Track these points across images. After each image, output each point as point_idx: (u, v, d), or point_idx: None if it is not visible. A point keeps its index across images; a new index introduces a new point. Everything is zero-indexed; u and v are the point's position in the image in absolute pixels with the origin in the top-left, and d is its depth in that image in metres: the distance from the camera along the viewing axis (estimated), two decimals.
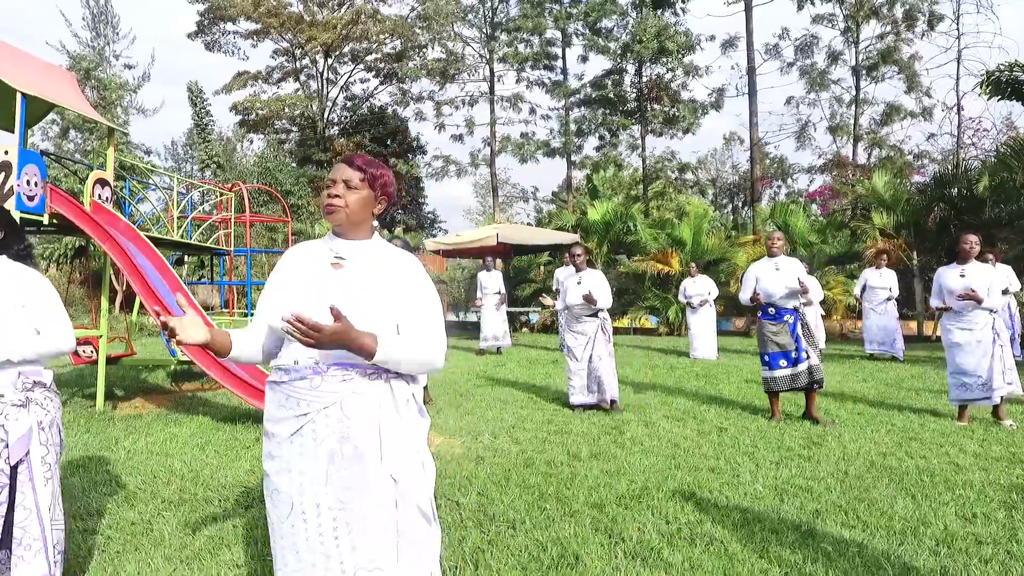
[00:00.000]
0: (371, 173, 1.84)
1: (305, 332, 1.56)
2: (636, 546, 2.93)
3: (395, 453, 1.73)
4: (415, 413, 1.82)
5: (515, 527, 3.16)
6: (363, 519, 1.70)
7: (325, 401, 1.70)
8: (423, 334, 1.76)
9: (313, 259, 1.83)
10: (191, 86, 23.09)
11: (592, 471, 4.10)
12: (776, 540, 3.02)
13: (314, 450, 1.71)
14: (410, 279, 1.81)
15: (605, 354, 5.96)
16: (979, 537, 3.07)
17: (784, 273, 5.60)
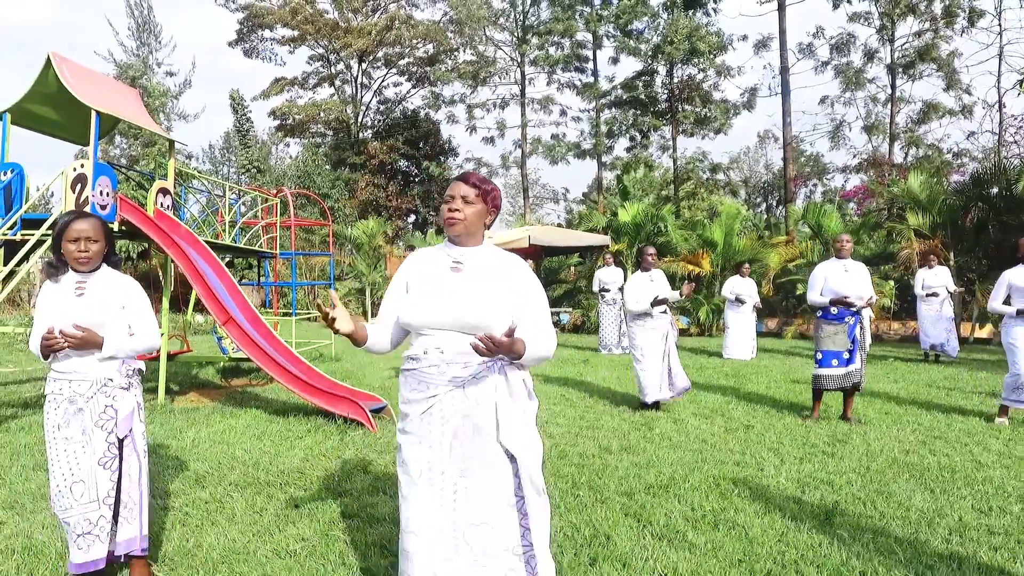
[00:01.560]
0: (484, 189, 2.12)
1: (490, 347, 1.81)
2: (663, 529, 3.18)
3: (510, 430, 2.00)
4: (526, 396, 2.10)
5: (552, 511, 3.43)
6: (480, 485, 1.99)
7: (450, 384, 2.00)
8: (536, 330, 2.04)
9: (434, 264, 2.13)
10: (233, 94, 23.94)
11: (623, 463, 4.34)
12: (795, 527, 3.23)
13: (441, 426, 2.01)
14: (520, 279, 2.10)
15: (674, 349, 6.18)
16: (992, 528, 3.23)
17: (852, 275, 5.68)
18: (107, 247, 2.71)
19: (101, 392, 2.57)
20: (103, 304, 2.60)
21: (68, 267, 2.65)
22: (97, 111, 5.66)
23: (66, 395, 2.57)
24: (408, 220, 29.81)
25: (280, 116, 28.66)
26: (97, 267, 2.69)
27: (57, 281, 2.67)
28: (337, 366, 9.27)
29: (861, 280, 5.66)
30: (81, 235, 2.60)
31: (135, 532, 2.63)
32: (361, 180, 27.56)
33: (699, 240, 14.70)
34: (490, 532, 1.96)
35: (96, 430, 2.55)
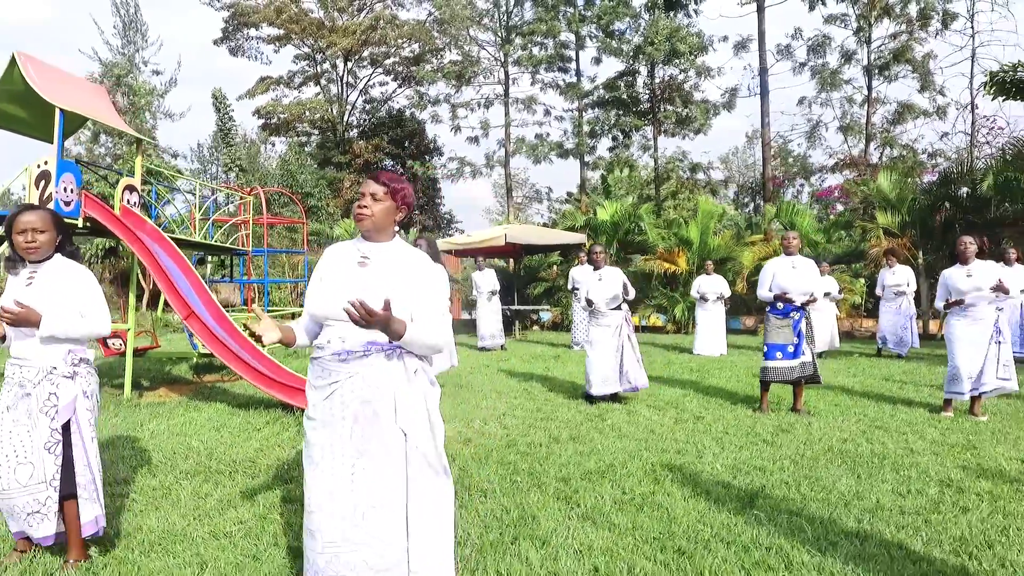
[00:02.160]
0: (393, 187, 2.24)
1: (363, 315, 1.94)
2: (589, 511, 3.32)
3: (406, 414, 2.13)
4: (426, 383, 2.22)
5: (486, 496, 3.57)
6: (378, 468, 2.11)
7: (350, 372, 2.13)
8: (432, 322, 2.17)
9: (343, 258, 2.26)
10: (215, 93, 23.89)
11: (567, 451, 4.48)
12: (716, 508, 3.37)
13: (341, 411, 2.13)
14: (423, 276, 2.22)
15: (629, 345, 6.31)
16: (904, 508, 3.39)
17: (799, 272, 5.84)
18: (59, 236, 2.81)
19: (47, 379, 2.67)
20: (48, 291, 2.70)
21: (24, 260, 2.76)
22: (61, 109, 5.73)
23: (16, 379, 2.69)
24: None
25: (264, 115, 28.64)
26: (48, 256, 2.79)
27: (16, 274, 2.78)
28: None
29: (807, 277, 5.83)
30: (28, 226, 2.70)
31: (97, 511, 2.75)
32: (346, 179, 27.59)
33: (675, 239, 14.88)
34: (386, 515, 2.08)
35: (40, 415, 2.66)
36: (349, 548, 2.07)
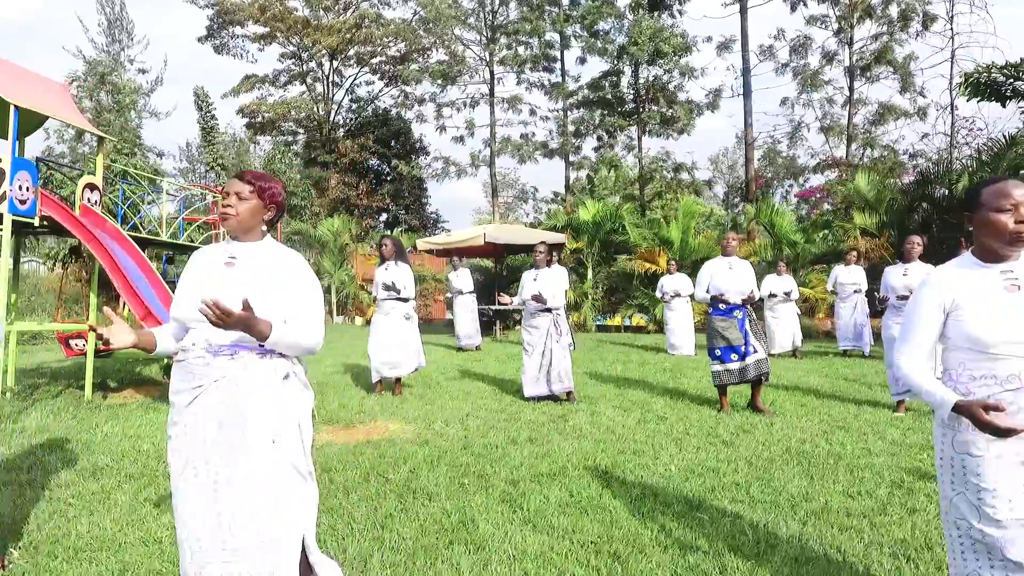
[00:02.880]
0: (259, 186, 2.18)
1: (218, 315, 1.88)
2: (531, 514, 3.27)
3: (274, 419, 2.07)
4: (297, 387, 2.15)
5: (431, 498, 3.51)
6: (243, 475, 2.04)
7: (215, 376, 2.05)
8: (303, 323, 2.10)
9: (210, 259, 2.20)
10: (197, 91, 23.72)
11: (522, 453, 4.43)
12: (662, 511, 3.33)
13: (205, 416, 2.06)
14: (294, 275, 2.15)
15: (557, 348, 6.28)
16: (851, 510, 3.37)
17: (736, 272, 5.88)
18: None
19: None
20: None
21: None
22: (16, 105, 5.63)
23: None
24: (379, 219, 29.73)
25: (249, 114, 28.43)
26: None
27: None
28: None
29: (744, 277, 5.83)
30: None
31: None
32: (332, 178, 27.43)
33: (656, 239, 14.88)
34: (253, 526, 2.00)
35: None
36: (218, 560, 1.99)
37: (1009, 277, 1.89)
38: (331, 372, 8.33)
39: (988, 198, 1.90)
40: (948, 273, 1.98)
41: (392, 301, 6.54)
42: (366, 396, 6.62)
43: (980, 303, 1.88)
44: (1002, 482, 1.83)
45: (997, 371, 1.85)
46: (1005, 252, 1.90)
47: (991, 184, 1.93)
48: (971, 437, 1.88)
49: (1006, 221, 1.85)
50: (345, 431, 5.24)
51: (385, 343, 6.53)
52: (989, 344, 1.85)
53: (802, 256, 13.62)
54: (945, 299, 1.95)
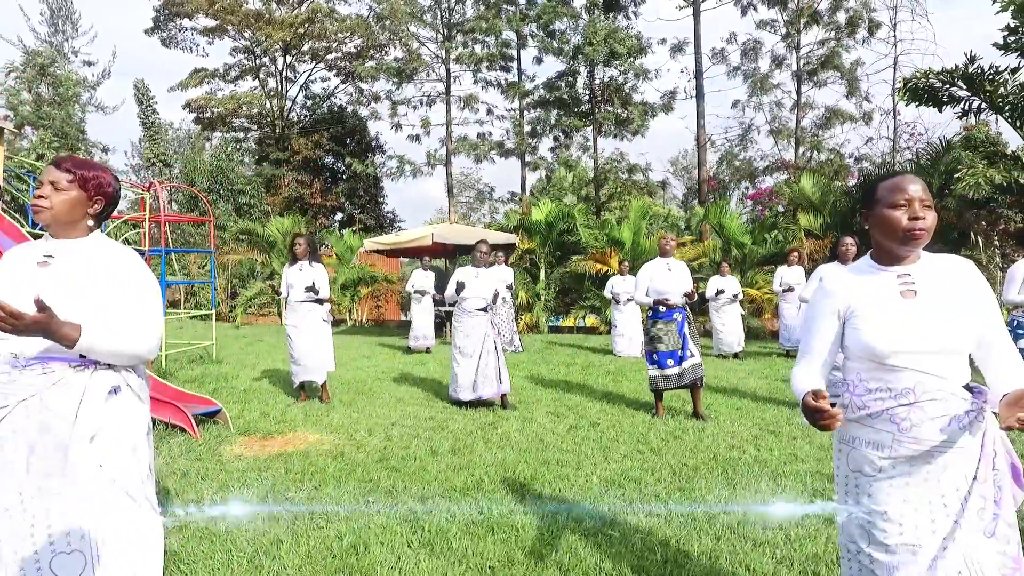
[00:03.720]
0: (81, 174, 1.92)
1: (4, 319, 1.61)
2: (432, 536, 3.06)
3: (100, 440, 1.81)
4: (132, 400, 1.89)
5: (329, 521, 3.27)
6: (64, 505, 1.78)
7: (23, 394, 1.78)
8: (131, 327, 1.85)
9: (25, 258, 1.92)
10: (137, 84, 22.80)
11: (440, 465, 4.22)
12: (573, 527, 3.16)
13: (14, 441, 1.79)
14: (123, 275, 1.90)
15: (493, 351, 6.10)
16: (768, 522, 3.25)
17: (675, 274, 5.78)
18: None
19: None
20: None
21: None
22: None
23: None
24: (335, 218, 29.11)
25: (196, 109, 27.49)
26: None
27: None
28: (215, 368, 8.87)
29: (683, 278, 5.76)
30: None
31: None
32: (286, 176, 26.72)
33: (607, 239, 14.84)
34: (76, 564, 1.76)
35: None
36: None
37: (906, 281, 1.74)
38: (261, 378, 7.97)
39: (883, 193, 1.76)
40: (843, 277, 1.83)
41: (310, 303, 6.25)
42: (292, 404, 6.31)
43: (875, 310, 1.73)
44: (893, 505, 1.69)
45: (892, 383, 1.71)
46: (900, 252, 1.75)
47: (888, 179, 1.79)
48: (866, 455, 1.74)
49: (900, 217, 1.71)
50: (260, 443, 4.94)
51: (306, 347, 6.24)
52: (884, 354, 1.70)
53: (750, 257, 13.74)
54: (840, 305, 1.80)
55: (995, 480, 1.68)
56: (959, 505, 1.66)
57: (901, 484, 1.69)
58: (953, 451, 1.66)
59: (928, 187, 5.94)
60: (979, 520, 1.66)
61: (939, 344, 1.67)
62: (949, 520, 1.66)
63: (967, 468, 1.67)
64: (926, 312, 1.69)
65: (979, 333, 1.71)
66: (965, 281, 1.74)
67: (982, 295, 1.73)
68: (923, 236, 1.70)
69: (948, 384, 1.67)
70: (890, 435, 1.70)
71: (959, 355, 1.69)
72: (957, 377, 1.69)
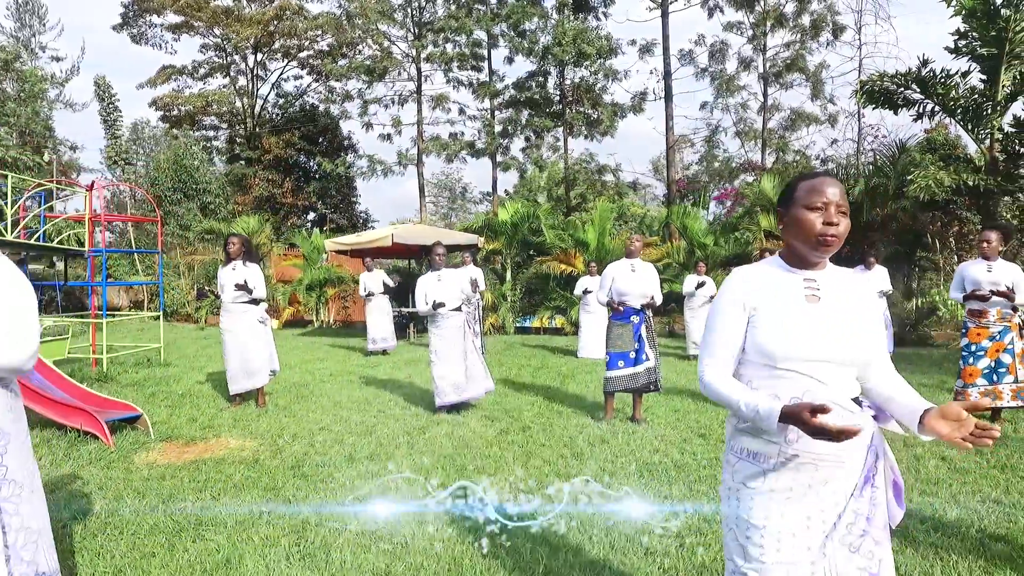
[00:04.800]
0: None
1: None
2: (314, 548, 2.97)
3: None
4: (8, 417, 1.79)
5: (215, 530, 3.16)
6: None
7: None
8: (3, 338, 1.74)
9: None
10: (98, 80, 22.31)
11: (352, 473, 4.12)
12: (462, 539, 3.09)
13: None
14: None
15: (475, 350, 6.02)
16: (667, 529, 3.20)
17: (639, 275, 5.68)
18: None
19: None
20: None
21: None
22: None
23: None
24: (306, 218, 28.80)
25: (163, 107, 27.04)
26: None
27: None
28: (161, 371, 8.68)
29: (647, 280, 5.70)
30: None
31: None
32: (256, 176, 26.37)
33: (572, 240, 14.81)
34: None
35: None
36: None
37: (811, 287, 1.67)
38: (206, 381, 7.81)
39: (801, 193, 1.67)
40: (750, 275, 1.73)
41: (244, 304, 6.11)
42: (225, 408, 6.17)
43: (777, 311, 1.65)
44: (773, 520, 1.61)
45: (780, 390, 1.62)
46: (811, 257, 1.67)
47: (808, 179, 1.70)
48: (752, 466, 1.66)
49: (814, 221, 1.63)
50: (181, 449, 4.81)
51: (241, 351, 6.09)
52: (777, 358, 1.62)
53: (712, 258, 13.78)
54: (747, 302, 1.70)
55: (872, 497, 1.63)
56: (834, 520, 1.61)
57: (782, 499, 1.62)
58: (837, 466, 1.61)
59: (885, 189, 5.88)
60: (847, 534, 1.61)
61: (835, 353, 1.61)
62: (822, 536, 1.61)
63: (848, 484, 1.62)
64: (827, 320, 1.63)
65: (871, 348, 1.67)
66: (864, 297, 1.71)
67: (875, 314, 1.71)
68: (834, 243, 1.63)
69: (837, 395, 1.62)
70: (776, 446, 1.63)
71: (852, 367, 1.64)
72: (847, 389, 1.64)
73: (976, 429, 1.44)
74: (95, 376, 8.13)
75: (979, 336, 5.06)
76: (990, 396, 5.13)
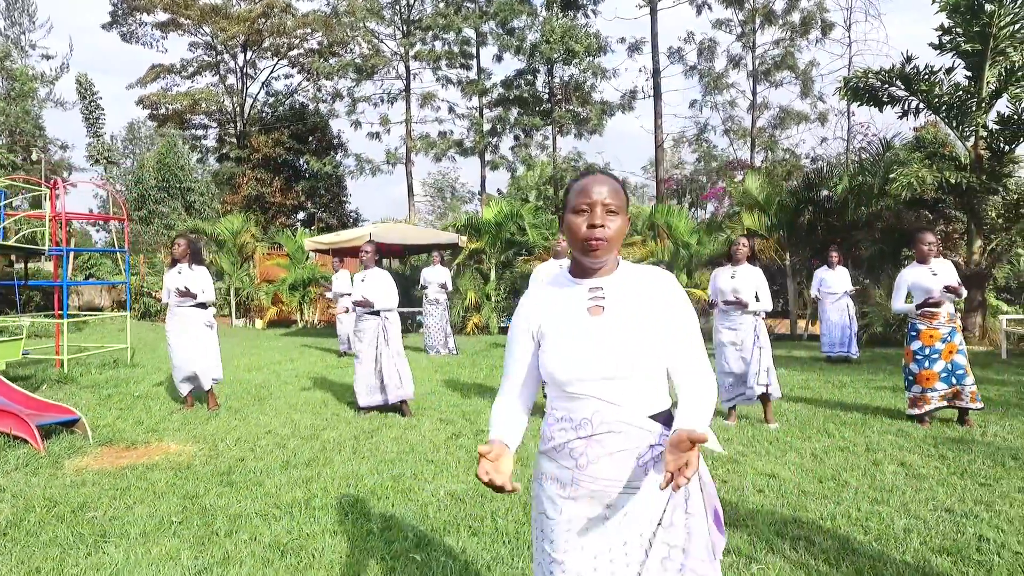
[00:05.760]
0: None
1: None
2: (212, 561, 2.80)
3: None
4: None
5: (115, 542, 3.00)
6: None
7: None
8: None
9: None
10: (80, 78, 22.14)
11: (282, 481, 3.96)
12: (378, 549, 2.93)
13: None
14: None
15: (387, 354, 5.86)
16: None
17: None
18: None
19: None
20: None
21: None
22: None
23: None
24: (296, 217, 28.63)
25: (150, 105, 26.87)
26: None
27: None
28: (126, 372, 8.52)
29: None
30: None
31: None
32: (245, 175, 26.21)
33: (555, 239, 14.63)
34: None
35: None
36: None
37: (596, 296, 1.50)
38: (165, 382, 7.64)
39: (571, 197, 1.52)
40: (537, 294, 1.59)
41: (191, 308, 5.94)
42: (176, 411, 6.00)
43: (560, 330, 1.49)
44: (572, 554, 1.47)
45: (573, 412, 1.47)
46: (588, 263, 1.50)
47: (577, 180, 1.54)
48: (550, 493, 1.51)
49: (580, 224, 1.47)
50: (118, 453, 4.65)
51: (187, 355, 5.92)
52: (561, 382, 1.46)
53: (696, 257, 13.62)
54: (532, 324, 1.55)
55: (686, 525, 1.46)
56: (643, 553, 1.44)
57: (580, 530, 1.47)
58: (635, 492, 1.44)
59: (870, 188, 5.53)
60: (662, 570, 1.44)
61: (616, 368, 1.43)
62: (631, 570, 1.44)
63: (653, 511, 1.45)
64: (609, 332, 1.45)
65: (670, 355, 1.49)
66: (657, 295, 1.50)
67: (675, 311, 1.50)
68: (601, 246, 1.46)
69: (627, 414, 1.44)
70: (570, 472, 1.48)
71: (641, 381, 1.45)
72: (639, 406, 1.45)
73: (676, 470, 1.25)
74: (56, 377, 7.97)
75: (932, 338, 4.91)
76: (952, 397, 4.99)
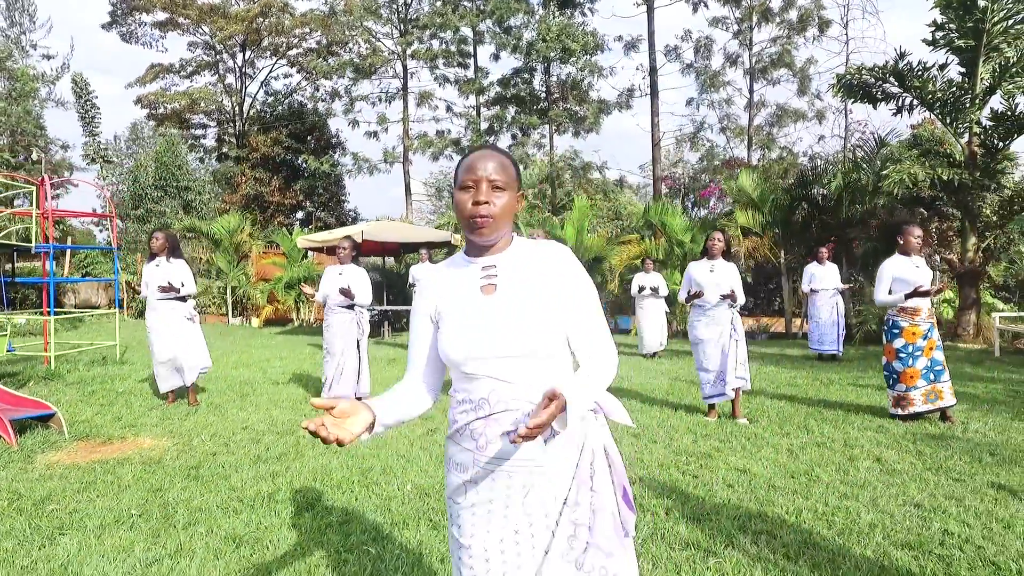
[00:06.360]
0: None
1: None
2: (164, 552, 2.78)
3: None
4: None
5: (71, 535, 2.98)
6: None
7: None
8: None
9: None
10: (75, 78, 22.18)
11: (249, 475, 3.94)
12: (335, 542, 2.91)
13: None
14: None
15: (353, 349, 5.86)
16: None
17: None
18: None
19: None
20: None
21: None
22: None
23: None
24: (295, 216, 28.63)
25: (148, 105, 26.91)
26: None
27: None
28: (114, 369, 8.52)
29: None
30: None
31: None
32: (244, 174, 26.22)
33: (551, 237, 14.60)
34: None
35: None
36: None
37: (489, 274, 1.48)
38: (146, 379, 7.62)
39: (458, 174, 1.48)
40: (434, 275, 1.57)
41: (171, 302, 5.93)
42: (156, 407, 6.00)
43: (455, 311, 1.48)
44: (478, 538, 1.44)
45: (472, 393, 1.46)
46: (477, 241, 1.48)
47: (464, 157, 1.50)
48: (454, 478, 1.50)
49: (466, 201, 1.44)
50: (92, 448, 4.64)
51: (172, 351, 5.92)
52: (456, 362, 1.45)
53: (690, 255, 13.55)
54: (430, 307, 1.54)
55: (592, 503, 1.44)
56: (549, 534, 1.42)
57: (484, 512, 1.45)
58: (534, 470, 1.42)
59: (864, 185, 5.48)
60: (569, 549, 1.42)
61: (509, 347, 1.41)
62: (538, 551, 1.42)
63: (557, 490, 1.43)
64: (501, 310, 1.44)
65: (566, 330, 1.47)
66: (552, 270, 1.48)
67: (572, 286, 1.47)
68: (487, 223, 1.43)
69: (523, 391, 1.42)
70: (471, 454, 1.46)
71: (535, 358, 1.42)
72: (536, 384, 1.42)
73: None
74: (43, 374, 7.98)
75: (914, 335, 4.87)
76: (932, 396, 4.94)
